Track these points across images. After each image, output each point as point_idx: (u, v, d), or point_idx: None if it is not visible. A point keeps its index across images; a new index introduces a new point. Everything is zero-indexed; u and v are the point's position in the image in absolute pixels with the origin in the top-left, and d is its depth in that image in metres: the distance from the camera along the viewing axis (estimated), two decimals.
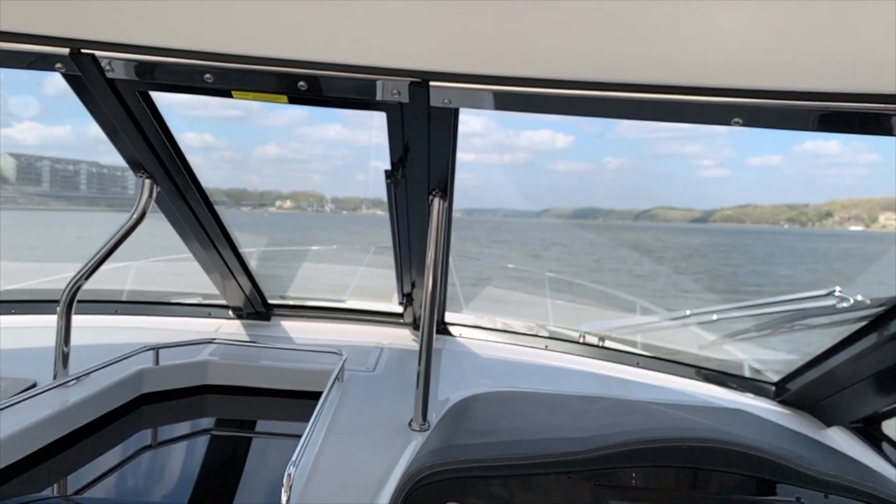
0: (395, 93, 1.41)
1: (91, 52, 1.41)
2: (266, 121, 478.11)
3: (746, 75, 1.22)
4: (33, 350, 2.19)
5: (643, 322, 2.81)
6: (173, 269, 4.15)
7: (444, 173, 1.76)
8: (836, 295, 1.87)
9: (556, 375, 2.45)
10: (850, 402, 1.97)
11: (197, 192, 2.00)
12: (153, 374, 2.12)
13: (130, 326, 2.63)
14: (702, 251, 37.30)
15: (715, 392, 2.36)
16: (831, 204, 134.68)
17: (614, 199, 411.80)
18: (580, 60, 1.25)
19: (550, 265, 19.72)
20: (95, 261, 1.93)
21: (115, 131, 1.72)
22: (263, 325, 2.78)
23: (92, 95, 1.58)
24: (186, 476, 1.73)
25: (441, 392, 2.10)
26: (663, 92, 1.29)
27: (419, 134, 1.58)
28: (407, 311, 2.70)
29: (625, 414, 1.61)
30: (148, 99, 1.63)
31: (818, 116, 1.27)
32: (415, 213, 1.95)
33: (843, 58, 1.12)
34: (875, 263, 7.67)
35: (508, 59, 1.28)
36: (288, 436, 2.02)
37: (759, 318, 2.18)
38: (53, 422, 1.72)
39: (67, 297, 1.92)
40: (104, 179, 10.94)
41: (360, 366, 2.31)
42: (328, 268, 6.47)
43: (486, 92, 1.37)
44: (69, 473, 1.66)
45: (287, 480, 1.32)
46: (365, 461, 1.60)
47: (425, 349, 1.78)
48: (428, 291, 1.80)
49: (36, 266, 4.77)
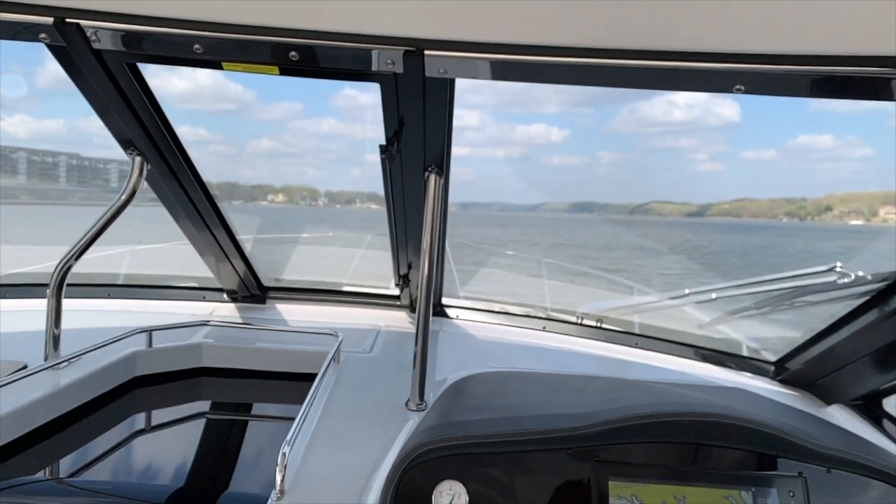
0: (389, 62, 1.38)
1: (76, 22, 1.37)
2: (260, 114, 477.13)
3: (748, 40, 1.19)
4: (25, 334, 2.17)
5: (642, 302, 2.80)
6: (170, 252, 4.12)
7: (441, 149, 1.73)
8: (836, 271, 1.85)
9: (555, 356, 2.43)
10: (851, 379, 1.95)
11: (189, 171, 1.97)
12: (147, 357, 2.10)
13: (124, 310, 2.60)
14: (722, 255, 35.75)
15: (714, 372, 2.35)
16: (830, 198, 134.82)
17: (609, 193, 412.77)
18: (578, 26, 1.22)
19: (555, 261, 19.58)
20: (85, 241, 1.90)
21: (104, 106, 1.69)
22: (259, 308, 2.76)
23: (78, 68, 1.54)
24: (181, 458, 1.72)
25: (439, 373, 2.09)
26: (664, 59, 1.26)
27: (414, 106, 1.55)
28: (404, 292, 2.68)
29: (624, 391, 1.59)
30: (136, 72, 1.59)
31: (824, 80, 1.24)
32: (411, 191, 1.92)
33: (847, 19, 1.09)
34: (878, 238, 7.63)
35: (505, 26, 1.24)
36: (283, 418, 2.00)
37: (759, 296, 2.16)
38: (45, 404, 1.69)
39: (57, 279, 1.89)
40: (85, 171, 10.78)
41: (356, 347, 2.29)
42: (326, 251, 6.45)
43: (483, 61, 1.34)
44: (62, 456, 1.64)
45: (282, 460, 1.30)
46: (361, 440, 1.58)
47: (422, 328, 1.76)
48: (424, 270, 1.77)
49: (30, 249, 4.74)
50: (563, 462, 1.29)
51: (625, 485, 1.27)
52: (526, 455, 1.30)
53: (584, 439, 1.29)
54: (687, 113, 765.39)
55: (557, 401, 1.55)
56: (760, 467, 1.28)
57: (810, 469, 1.27)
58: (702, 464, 1.28)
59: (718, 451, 1.28)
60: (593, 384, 1.68)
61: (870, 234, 42.13)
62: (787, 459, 1.27)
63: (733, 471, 1.27)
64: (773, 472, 1.27)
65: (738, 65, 1.24)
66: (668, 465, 1.28)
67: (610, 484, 1.27)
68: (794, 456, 1.27)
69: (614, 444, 1.29)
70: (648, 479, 1.28)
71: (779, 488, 1.26)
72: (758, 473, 1.27)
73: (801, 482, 1.26)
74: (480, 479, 1.27)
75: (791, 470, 1.27)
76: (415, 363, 1.76)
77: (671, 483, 1.27)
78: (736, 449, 1.28)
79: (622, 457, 1.29)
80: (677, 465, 1.28)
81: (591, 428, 1.30)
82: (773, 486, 1.26)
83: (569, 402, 1.51)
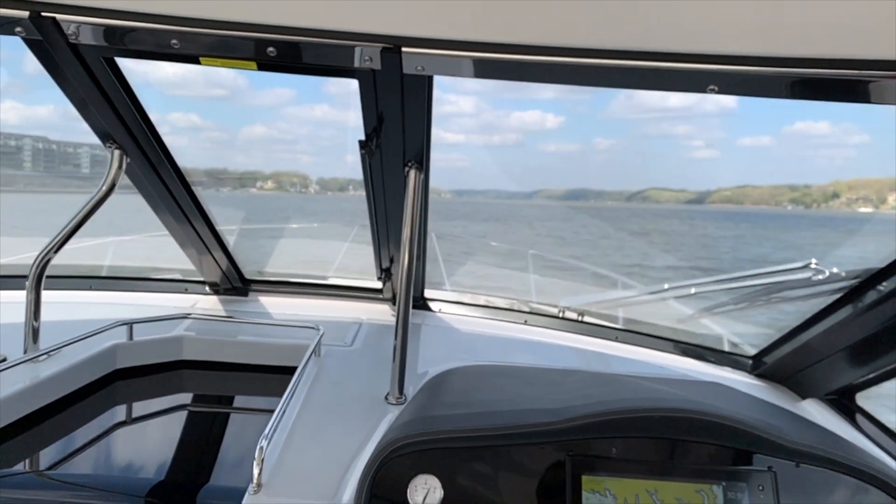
0: (367, 59, 1.38)
1: (52, 16, 1.36)
2: (252, 100, 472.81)
3: (722, 41, 1.21)
4: (3, 326, 2.15)
5: (622, 296, 2.83)
6: (152, 244, 4.10)
7: (420, 144, 1.73)
8: (811, 267, 1.88)
9: (536, 350, 2.45)
10: (825, 374, 1.98)
11: (169, 165, 1.96)
12: (127, 350, 2.09)
13: (104, 302, 2.59)
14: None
15: (692, 366, 2.38)
16: (837, 184, 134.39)
17: (605, 180, 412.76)
18: (555, 26, 1.22)
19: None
20: (64, 234, 1.89)
21: (82, 100, 1.68)
22: (241, 301, 2.76)
23: (55, 62, 1.53)
24: (161, 451, 1.72)
25: (420, 366, 2.10)
26: (639, 59, 1.27)
27: (393, 103, 1.55)
28: (386, 286, 2.69)
29: (600, 385, 1.61)
30: (114, 66, 1.58)
31: (796, 83, 1.25)
32: (391, 186, 1.93)
33: (821, 23, 1.10)
34: (854, 236, 7.65)
35: (482, 24, 1.25)
36: (263, 411, 2.00)
37: (737, 292, 2.19)
38: (24, 396, 1.69)
39: (36, 271, 1.88)
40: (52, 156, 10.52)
41: (337, 341, 2.30)
42: (309, 244, 6.43)
43: (461, 58, 1.34)
44: (41, 448, 1.64)
45: (259, 454, 1.31)
46: (339, 434, 1.59)
47: (402, 322, 1.77)
48: (404, 265, 1.78)
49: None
50: (537, 456, 1.30)
51: (598, 479, 1.28)
52: (500, 449, 1.31)
53: (558, 434, 1.31)
54: (683, 99, 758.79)
55: (534, 395, 1.56)
56: (731, 462, 1.30)
57: (780, 464, 1.29)
58: (674, 458, 1.30)
59: (690, 446, 1.30)
60: (571, 379, 1.70)
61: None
62: (757, 454, 1.29)
63: (705, 465, 1.29)
64: (744, 467, 1.29)
65: (712, 66, 1.25)
66: (641, 460, 1.30)
67: (583, 478, 1.28)
68: (764, 451, 1.29)
69: (588, 438, 1.30)
70: (621, 473, 1.29)
71: (749, 482, 1.28)
72: (729, 468, 1.29)
73: (770, 476, 1.28)
74: (455, 474, 1.29)
75: (761, 465, 1.29)
76: (394, 357, 1.77)
77: (644, 477, 1.28)
78: (707, 444, 1.30)
79: (595, 451, 1.30)
80: (650, 459, 1.30)
81: (565, 423, 1.31)
82: (743, 481, 1.28)
83: (545, 397, 1.52)
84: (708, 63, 1.25)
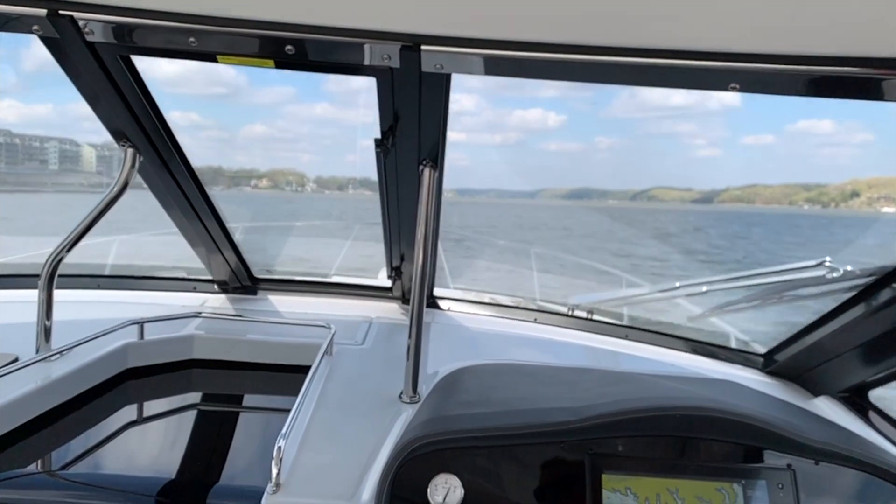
0: (386, 57, 1.37)
1: (69, 14, 1.35)
2: (252, 99, 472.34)
3: (744, 39, 1.20)
4: (16, 325, 2.15)
5: (632, 294, 2.82)
6: (155, 242, 4.09)
7: (435, 143, 1.73)
8: (825, 265, 1.87)
9: (546, 348, 2.45)
10: (838, 372, 1.98)
11: (181, 163, 1.95)
12: (138, 349, 2.09)
13: (114, 300, 2.59)
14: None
15: (703, 364, 2.38)
16: (855, 183, 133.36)
17: (608, 178, 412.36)
18: (576, 24, 1.22)
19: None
20: (76, 233, 1.88)
21: (96, 98, 1.67)
22: (250, 300, 2.75)
23: (71, 60, 1.52)
24: (173, 451, 1.72)
25: (430, 365, 2.09)
26: (659, 56, 1.27)
27: (410, 101, 1.55)
28: (396, 284, 2.68)
29: (616, 384, 1.61)
30: (130, 64, 1.58)
31: (817, 81, 1.25)
32: (405, 184, 1.92)
33: (842, 21, 1.10)
34: (866, 232, 7.66)
35: (502, 21, 1.24)
36: (276, 410, 2.00)
37: (749, 290, 2.19)
38: (37, 396, 1.69)
39: (48, 271, 1.88)
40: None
41: (348, 339, 2.29)
42: (316, 242, 6.42)
43: (480, 56, 1.34)
44: (53, 449, 1.64)
45: (277, 454, 1.31)
46: (355, 434, 1.59)
47: (415, 321, 1.77)
48: (418, 264, 1.78)
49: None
50: (557, 455, 1.30)
51: (618, 478, 1.29)
52: (520, 448, 1.31)
53: (578, 433, 1.31)
54: (686, 97, 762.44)
55: (550, 394, 1.56)
56: (751, 460, 1.30)
57: (799, 461, 1.29)
58: (694, 457, 1.30)
59: (710, 445, 1.30)
60: (586, 377, 1.70)
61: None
62: (776, 452, 1.29)
63: (724, 463, 1.29)
64: (763, 465, 1.29)
65: (735, 63, 1.25)
66: (661, 458, 1.30)
67: (603, 477, 1.28)
68: (783, 448, 1.30)
69: (607, 437, 1.30)
70: (642, 471, 1.29)
71: (768, 480, 1.28)
72: (748, 466, 1.30)
73: (790, 474, 1.28)
74: (475, 473, 1.29)
75: (780, 462, 1.29)
76: (408, 355, 1.77)
77: (664, 476, 1.29)
78: (727, 442, 1.30)
79: (615, 450, 1.30)
80: (670, 458, 1.30)
81: (585, 422, 1.31)
82: (763, 479, 1.28)
83: (561, 396, 1.52)
84: (730, 61, 1.25)
